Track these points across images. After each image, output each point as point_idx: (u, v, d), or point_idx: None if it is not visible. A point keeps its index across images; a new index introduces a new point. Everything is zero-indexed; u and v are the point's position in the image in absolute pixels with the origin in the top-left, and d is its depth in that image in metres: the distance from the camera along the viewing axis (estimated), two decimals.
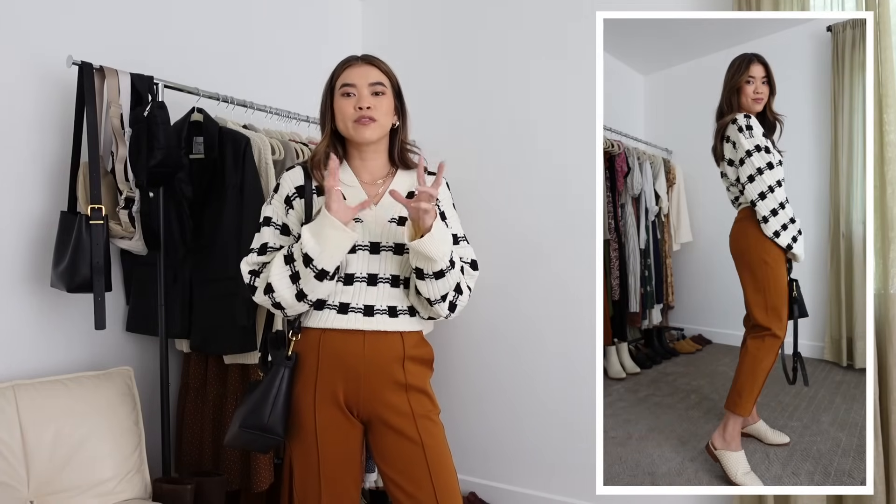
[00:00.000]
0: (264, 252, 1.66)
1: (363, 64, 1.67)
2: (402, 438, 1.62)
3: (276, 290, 1.58)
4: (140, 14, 2.37)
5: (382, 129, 1.67)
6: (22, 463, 1.82)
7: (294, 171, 1.71)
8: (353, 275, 1.63)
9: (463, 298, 1.68)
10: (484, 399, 2.91)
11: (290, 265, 1.58)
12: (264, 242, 1.67)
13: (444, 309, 1.65)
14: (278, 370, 1.62)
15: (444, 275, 1.59)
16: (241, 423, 1.61)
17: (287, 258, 1.59)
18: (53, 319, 2.14)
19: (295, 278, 1.57)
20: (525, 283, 2.82)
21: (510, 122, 2.87)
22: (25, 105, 2.08)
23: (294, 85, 2.84)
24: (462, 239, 1.74)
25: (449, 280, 1.60)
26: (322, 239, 1.53)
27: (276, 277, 1.58)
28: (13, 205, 2.05)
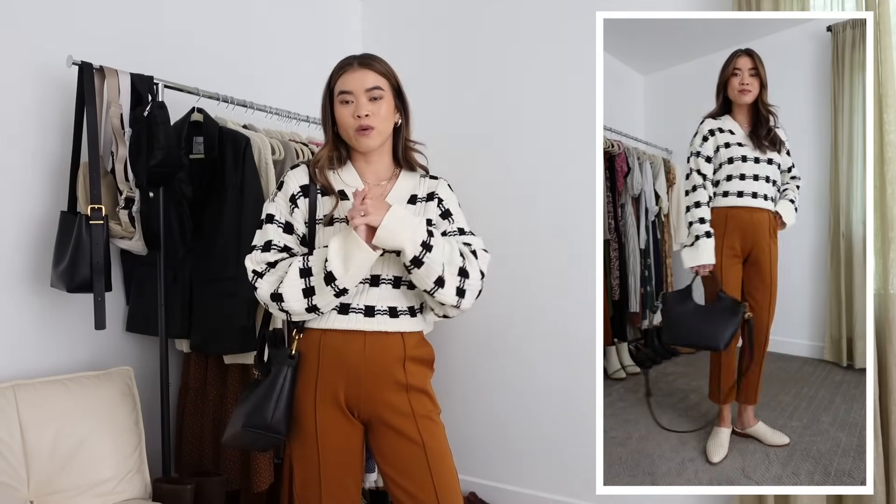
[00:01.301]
0: (268, 249, 1.64)
1: (359, 68, 1.64)
2: (402, 439, 1.62)
3: (287, 301, 1.57)
4: (140, 14, 2.37)
5: (383, 136, 1.66)
6: (22, 463, 1.82)
7: (299, 169, 1.70)
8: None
9: (472, 283, 1.61)
10: (484, 399, 2.91)
11: (305, 279, 1.56)
12: (269, 240, 1.65)
13: (448, 297, 1.58)
14: (281, 369, 1.61)
15: (421, 262, 1.55)
16: (244, 423, 1.60)
17: (303, 272, 1.57)
18: (53, 319, 2.14)
19: (308, 293, 1.56)
20: (525, 282, 2.82)
21: (510, 122, 2.87)
22: (25, 105, 2.08)
23: (294, 85, 2.84)
24: (469, 233, 1.73)
25: (431, 266, 1.56)
26: (349, 261, 1.52)
27: (288, 289, 1.56)
28: (13, 205, 2.05)
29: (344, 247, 1.53)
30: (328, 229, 1.63)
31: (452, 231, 1.70)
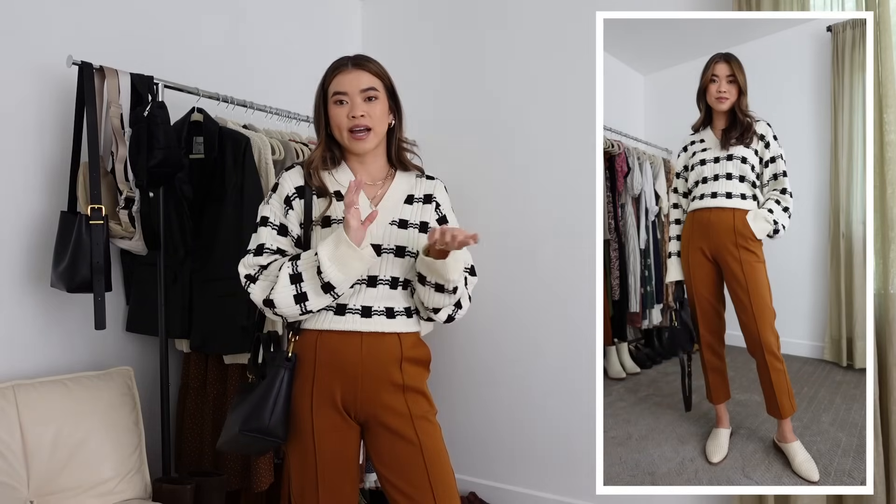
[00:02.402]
0: (261, 253, 1.64)
1: (353, 69, 1.64)
2: (399, 440, 1.62)
3: (279, 307, 1.57)
4: (140, 14, 2.37)
5: (378, 136, 1.67)
6: (22, 463, 1.82)
7: (293, 171, 1.69)
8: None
9: (461, 312, 1.71)
10: (484, 399, 2.91)
11: (295, 285, 1.56)
12: (261, 243, 1.65)
13: (439, 317, 1.69)
14: (278, 371, 1.60)
15: (444, 291, 1.61)
16: (240, 427, 1.59)
17: (293, 278, 1.56)
18: (53, 319, 2.14)
19: (300, 298, 1.56)
20: (525, 282, 2.82)
21: (510, 122, 2.87)
22: (25, 105, 2.08)
23: (294, 85, 2.83)
24: None
25: (448, 297, 1.63)
26: (346, 268, 1.53)
27: (279, 296, 1.56)
28: (13, 205, 2.05)
29: (336, 253, 1.52)
30: (324, 230, 1.63)
31: None
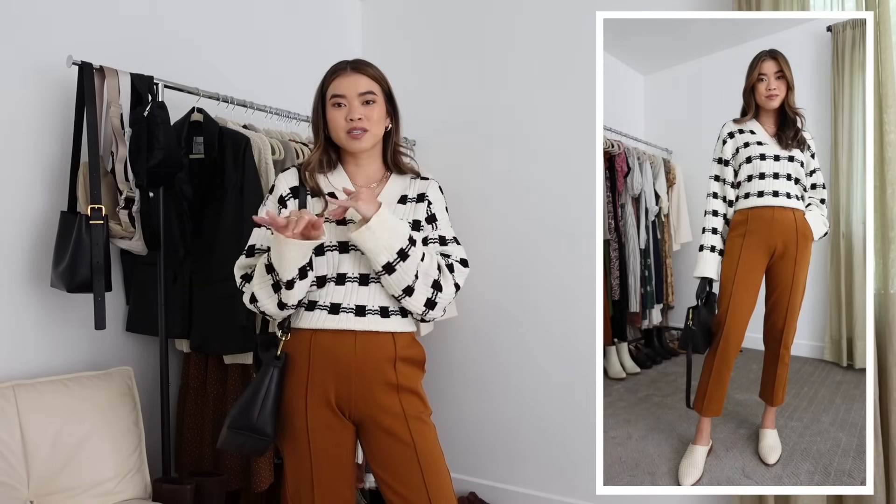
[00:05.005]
0: (252, 254, 1.69)
1: (352, 72, 1.66)
2: (393, 440, 1.62)
3: (260, 300, 1.61)
4: (140, 14, 2.37)
5: (375, 138, 1.69)
6: (22, 463, 1.82)
7: (289, 172, 1.73)
8: (344, 275, 1.64)
9: (444, 296, 1.65)
10: (484, 398, 2.91)
11: (271, 274, 1.59)
12: (252, 244, 1.70)
13: (416, 306, 1.63)
14: (267, 370, 1.63)
15: (393, 269, 1.58)
16: (229, 423, 1.62)
17: (269, 268, 1.60)
18: (53, 319, 2.14)
19: (276, 287, 1.58)
20: (525, 282, 2.82)
21: (510, 122, 2.87)
22: (25, 105, 2.08)
23: (294, 85, 2.83)
24: (451, 241, 1.73)
25: (402, 274, 1.58)
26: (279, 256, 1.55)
27: (257, 287, 1.61)
28: (13, 205, 2.05)
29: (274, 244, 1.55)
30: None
31: (433, 238, 1.71)
